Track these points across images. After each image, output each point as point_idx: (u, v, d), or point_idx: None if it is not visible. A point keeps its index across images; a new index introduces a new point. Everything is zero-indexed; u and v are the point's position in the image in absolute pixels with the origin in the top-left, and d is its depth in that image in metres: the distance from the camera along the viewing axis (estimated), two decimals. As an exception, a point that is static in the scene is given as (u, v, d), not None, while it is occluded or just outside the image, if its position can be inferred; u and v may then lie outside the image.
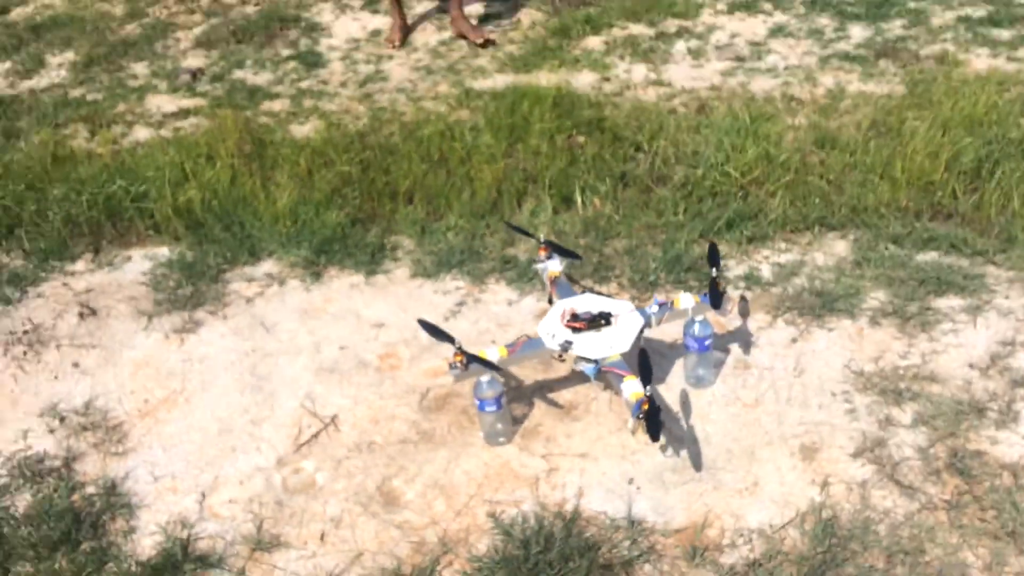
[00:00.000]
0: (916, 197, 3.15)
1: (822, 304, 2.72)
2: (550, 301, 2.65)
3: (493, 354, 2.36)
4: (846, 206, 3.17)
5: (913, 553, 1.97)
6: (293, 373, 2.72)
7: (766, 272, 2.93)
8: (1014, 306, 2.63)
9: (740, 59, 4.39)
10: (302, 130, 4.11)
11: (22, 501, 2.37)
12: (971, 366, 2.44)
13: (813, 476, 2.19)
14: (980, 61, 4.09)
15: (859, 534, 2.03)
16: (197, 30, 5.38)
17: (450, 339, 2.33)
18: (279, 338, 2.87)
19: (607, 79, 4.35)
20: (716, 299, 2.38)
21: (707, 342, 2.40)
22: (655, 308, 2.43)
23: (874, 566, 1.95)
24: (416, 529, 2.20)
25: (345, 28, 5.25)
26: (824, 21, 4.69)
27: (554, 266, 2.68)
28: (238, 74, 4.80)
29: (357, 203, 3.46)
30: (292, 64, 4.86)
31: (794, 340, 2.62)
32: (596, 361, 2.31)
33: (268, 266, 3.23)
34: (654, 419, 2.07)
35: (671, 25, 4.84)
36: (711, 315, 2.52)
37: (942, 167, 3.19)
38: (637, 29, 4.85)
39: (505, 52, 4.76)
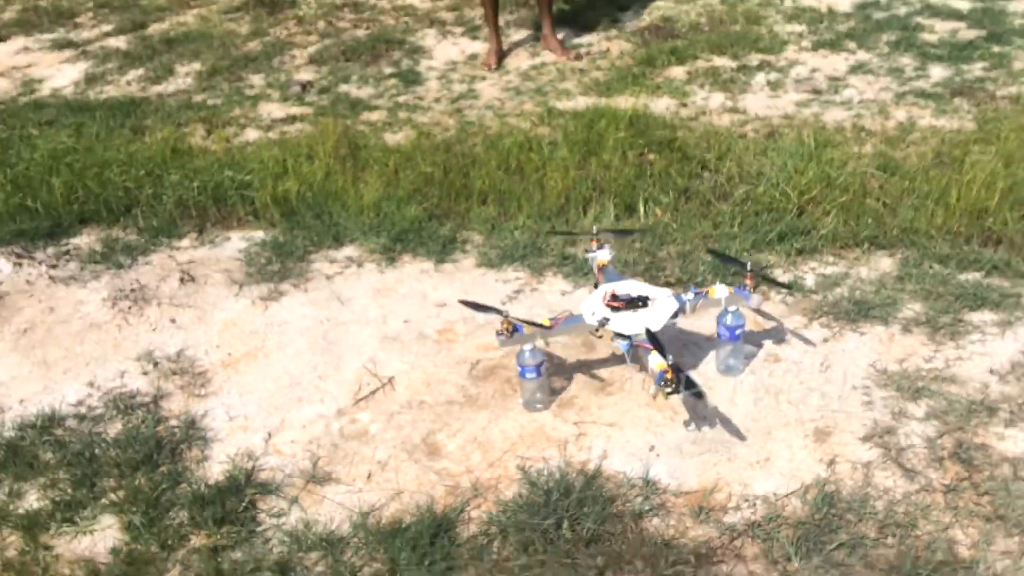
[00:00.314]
0: (968, 223, 3.24)
1: (858, 311, 2.85)
2: (595, 287, 2.87)
3: (536, 328, 2.59)
4: (898, 227, 3.28)
5: (905, 527, 2.08)
6: (360, 340, 3.01)
7: (810, 281, 3.07)
8: (1048, 323, 2.70)
9: (817, 92, 4.54)
10: (395, 138, 4.47)
11: (113, 428, 2.71)
12: (991, 371, 2.52)
13: (822, 455, 2.32)
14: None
15: (857, 507, 2.15)
16: (311, 49, 5.87)
17: (497, 310, 2.58)
18: (351, 310, 3.17)
19: (684, 105, 4.57)
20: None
21: (738, 331, 2.57)
22: (690, 295, 2.61)
23: (866, 535, 2.07)
24: (452, 475, 2.43)
25: (445, 52, 5.64)
26: (906, 60, 4.79)
27: (603, 256, 2.89)
28: (343, 88, 5.23)
29: (436, 200, 3.76)
30: (393, 81, 5.26)
31: (826, 340, 2.75)
32: (629, 337, 2.51)
33: (349, 251, 3.55)
34: (686, 380, 2.26)
35: (754, 59, 5.02)
36: (745, 310, 2.69)
37: (996, 196, 3.26)
38: (720, 61, 5.05)
39: (591, 77, 5.03)
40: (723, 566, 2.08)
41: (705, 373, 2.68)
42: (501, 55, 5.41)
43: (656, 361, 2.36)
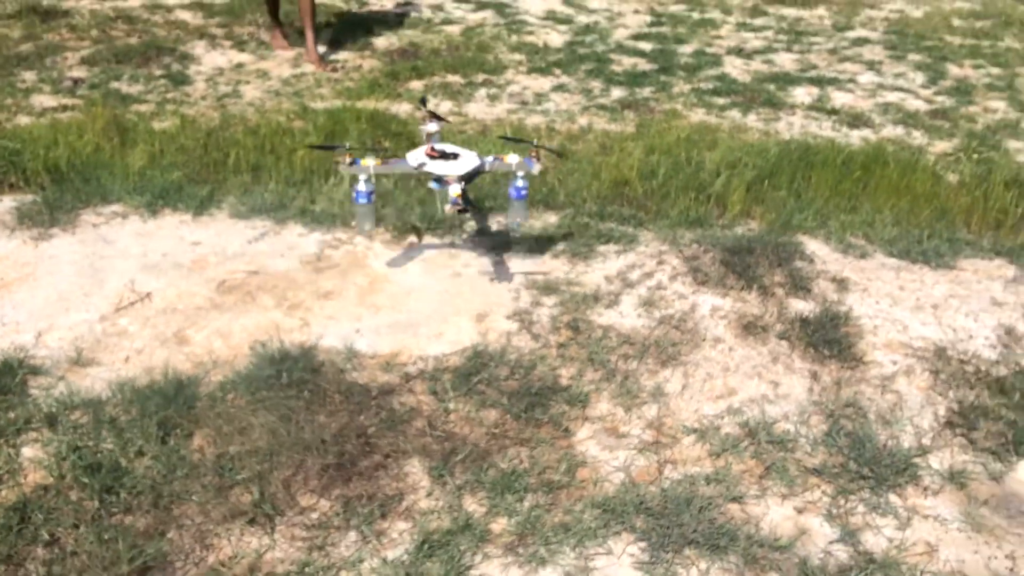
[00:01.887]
0: (612, 190, 4.31)
1: (526, 246, 3.79)
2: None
3: (371, 162, 3.31)
4: (564, 194, 4.30)
5: (527, 368, 2.99)
6: (122, 268, 3.57)
7: (495, 227, 4.00)
8: (647, 250, 3.77)
9: (524, 103, 5.60)
10: (162, 125, 5.03)
11: None
12: (605, 278, 3.53)
13: (479, 329, 3.20)
14: (696, 116, 5.40)
15: (497, 358, 3.03)
16: (84, 52, 6.27)
17: (341, 146, 3.31)
18: (116, 248, 3.73)
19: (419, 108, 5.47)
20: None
21: (523, 191, 3.41)
22: (490, 158, 3.43)
23: (499, 375, 2.95)
24: (197, 355, 3.08)
25: (213, 60, 6.25)
26: (595, 84, 5.98)
27: (432, 128, 3.65)
28: (115, 85, 5.70)
29: (196, 168, 4.39)
30: (163, 81, 5.80)
31: (467, 265, 3.67)
32: (440, 179, 3.28)
33: (116, 208, 4.09)
34: (468, 201, 3.12)
35: (480, 78, 6.04)
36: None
37: (634, 172, 4.38)
38: (453, 79, 6.03)
39: (343, 86, 5.84)
40: (400, 397, 2.88)
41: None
42: (287, 37, 6.17)
43: (454, 190, 3.17)
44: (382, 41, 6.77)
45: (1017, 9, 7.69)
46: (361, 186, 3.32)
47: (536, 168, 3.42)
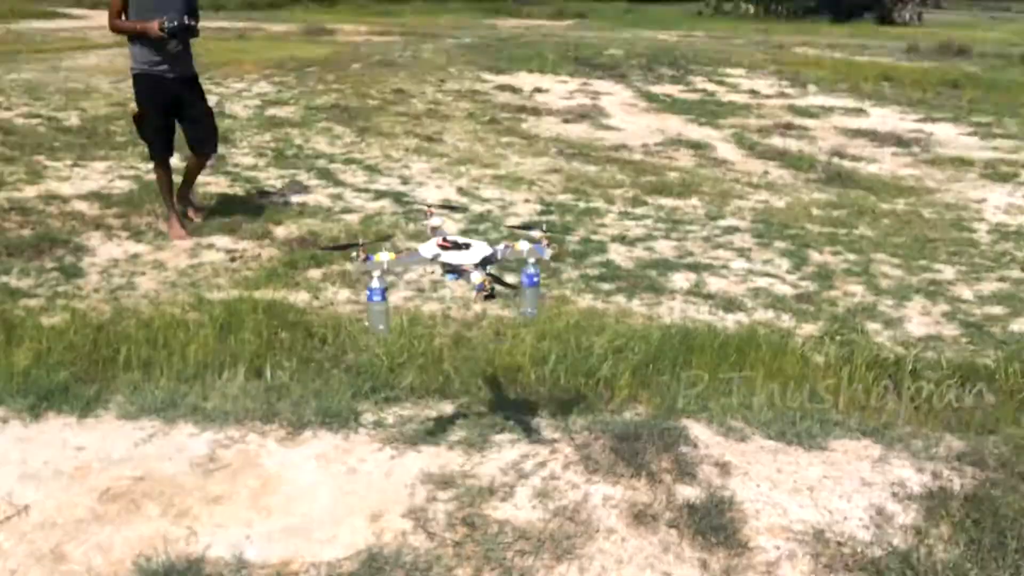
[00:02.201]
0: (505, 377, 4.45)
1: (419, 437, 3.84)
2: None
3: (385, 256, 3.25)
4: (460, 382, 4.41)
5: (423, 570, 2.97)
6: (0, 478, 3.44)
7: (391, 419, 4.05)
8: (540, 438, 3.87)
9: (420, 290, 5.79)
10: (51, 320, 4.97)
11: None
12: (500, 469, 3.59)
13: (374, 530, 3.18)
14: (584, 301, 5.69)
15: (392, 561, 3.01)
16: (-28, 244, 6.20)
17: (355, 244, 3.23)
18: (-7, 455, 3.60)
19: (316, 297, 5.59)
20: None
21: (535, 278, 3.40)
22: (501, 247, 3.39)
23: None
24: (75, 574, 2.95)
25: (109, 251, 6.27)
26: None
27: (435, 221, 3.58)
28: (3, 279, 5.63)
29: (84, 367, 4.32)
30: (54, 274, 5.77)
31: (392, 457, 3.69)
32: (454, 269, 3.25)
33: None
34: (498, 280, 3.15)
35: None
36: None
37: (525, 358, 4.55)
38: (351, 267, 6.19)
39: (241, 275, 5.92)
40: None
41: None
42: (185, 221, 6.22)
43: (476, 277, 3.17)
44: (281, 230, 6.95)
45: (868, 199, 8.52)
46: (375, 283, 3.25)
47: (548, 253, 3.49)
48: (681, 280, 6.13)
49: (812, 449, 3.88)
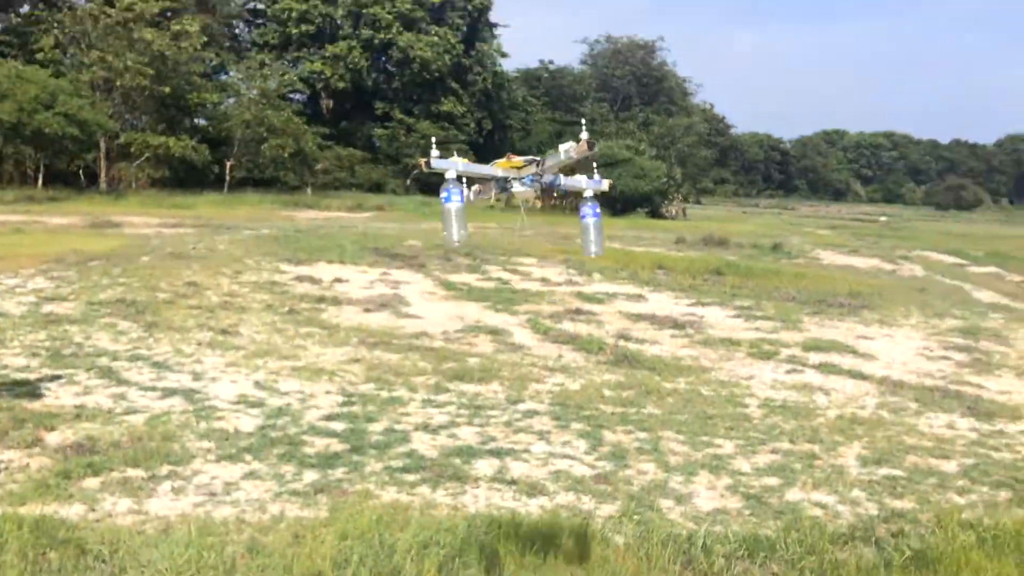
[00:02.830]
0: None
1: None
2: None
3: (459, 160, 3.24)
4: None
5: None
6: None
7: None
8: None
9: (212, 494, 5.46)
10: None
11: None
12: None
13: None
14: (389, 495, 5.58)
15: None
16: None
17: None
18: None
19: (93, 509, 5.12)
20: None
21: (597, 211, 3.50)
22: (562, 177, 3.47)
23: None
24: None
25: None
26: (288, 468, 6.02)
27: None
28: None
29: None
30: None
31: None
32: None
33: None
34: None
35: (164, 470, 5.84)
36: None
37: (326, 562, 4.35)
38: (134, 472, 5.76)
39: (5, 490, 5.34)
40: None
41: None
42: None
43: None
44: (54, 436, 6.39)
45: (653, 379, 9.11)
46: (451, 184, 3.10)
47: (605, 184, 3.58)
48: (485, 467, 6.18)
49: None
